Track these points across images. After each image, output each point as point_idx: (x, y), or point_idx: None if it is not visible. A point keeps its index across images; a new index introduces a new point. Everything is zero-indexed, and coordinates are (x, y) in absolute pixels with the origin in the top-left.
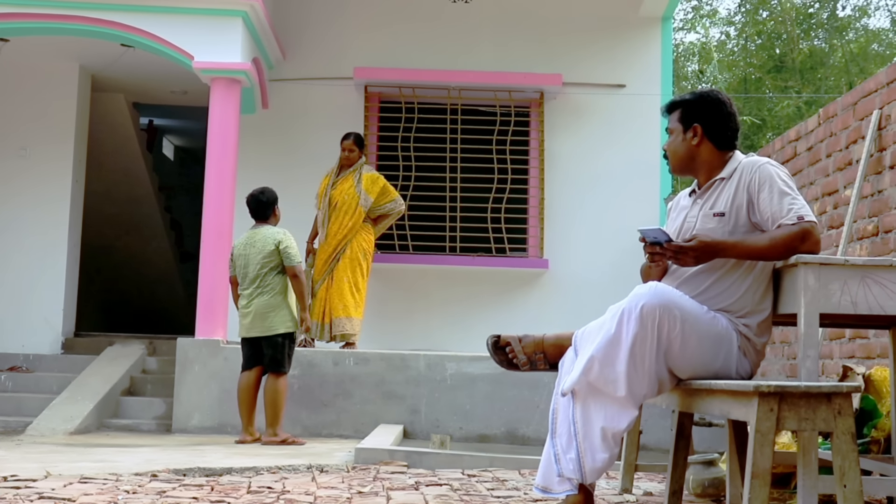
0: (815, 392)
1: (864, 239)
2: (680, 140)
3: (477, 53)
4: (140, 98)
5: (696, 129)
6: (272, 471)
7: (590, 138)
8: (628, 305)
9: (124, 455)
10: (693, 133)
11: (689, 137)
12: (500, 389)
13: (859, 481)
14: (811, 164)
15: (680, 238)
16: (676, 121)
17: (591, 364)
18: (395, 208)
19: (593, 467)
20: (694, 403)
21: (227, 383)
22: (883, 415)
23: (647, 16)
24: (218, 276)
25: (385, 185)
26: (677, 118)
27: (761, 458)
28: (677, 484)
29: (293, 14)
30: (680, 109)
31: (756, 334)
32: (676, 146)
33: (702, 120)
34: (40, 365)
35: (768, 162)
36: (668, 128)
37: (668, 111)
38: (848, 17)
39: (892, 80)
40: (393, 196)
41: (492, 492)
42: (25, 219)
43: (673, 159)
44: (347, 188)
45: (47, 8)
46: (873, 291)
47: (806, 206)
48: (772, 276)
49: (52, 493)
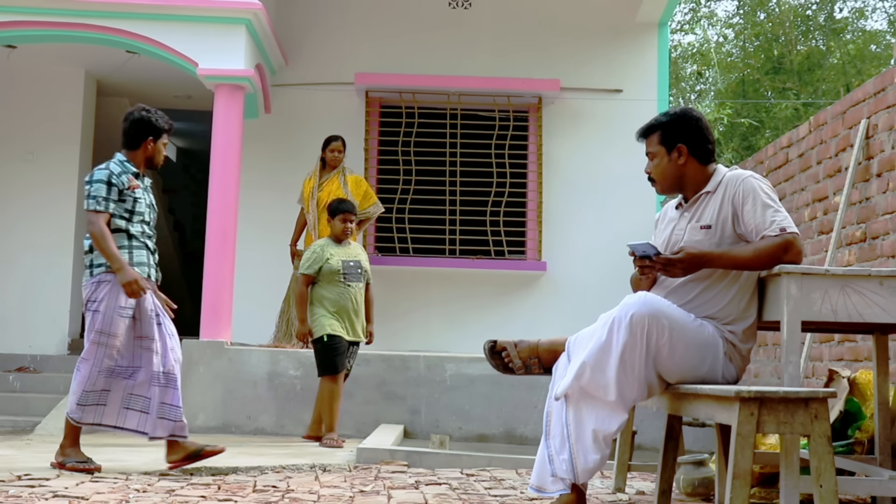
0: (793, 397)
1: (853, 245)
2: (666, 162)
3: (476, 59)
4: (144, 102)
5: (680, 149)
6: (276, 470)
7: (587, 142)
8: (618, 314)
9: (133, 454)
10: (678, 153)
11: (675, 158)
12: (499, 390)
13: (834, 481)
14: (802, 171)
15: (668, 250)
16: (658, 144)
17: (583, 370)
18: (376, 212)
19: (585, 468)
20: (682, 407)
21: (231, 384)
22: (867, 417)
23: (644, 21)
24: (222, 279)
25: (367, 189)
26: (658, 141)
27: (742, 460)
28: (667, 483)
29: (295, 20)
30: (659, 132)
31: (741, 341)
32: (664, 168)
33: (685, 139)
34: (47, 365)
35: (752, 175)
36: (648, 152)
37: (644, 135)
38: (845, 18)
39: (879, 91)
40: (374, 200)
41: (489, 491)
42: (32, 221)
43: (662, 181)
44: (335, 189)
45: (54, 16)
46: (853, 300)
47: (788, 218)
48: (756, 285)
49: (66, 491)
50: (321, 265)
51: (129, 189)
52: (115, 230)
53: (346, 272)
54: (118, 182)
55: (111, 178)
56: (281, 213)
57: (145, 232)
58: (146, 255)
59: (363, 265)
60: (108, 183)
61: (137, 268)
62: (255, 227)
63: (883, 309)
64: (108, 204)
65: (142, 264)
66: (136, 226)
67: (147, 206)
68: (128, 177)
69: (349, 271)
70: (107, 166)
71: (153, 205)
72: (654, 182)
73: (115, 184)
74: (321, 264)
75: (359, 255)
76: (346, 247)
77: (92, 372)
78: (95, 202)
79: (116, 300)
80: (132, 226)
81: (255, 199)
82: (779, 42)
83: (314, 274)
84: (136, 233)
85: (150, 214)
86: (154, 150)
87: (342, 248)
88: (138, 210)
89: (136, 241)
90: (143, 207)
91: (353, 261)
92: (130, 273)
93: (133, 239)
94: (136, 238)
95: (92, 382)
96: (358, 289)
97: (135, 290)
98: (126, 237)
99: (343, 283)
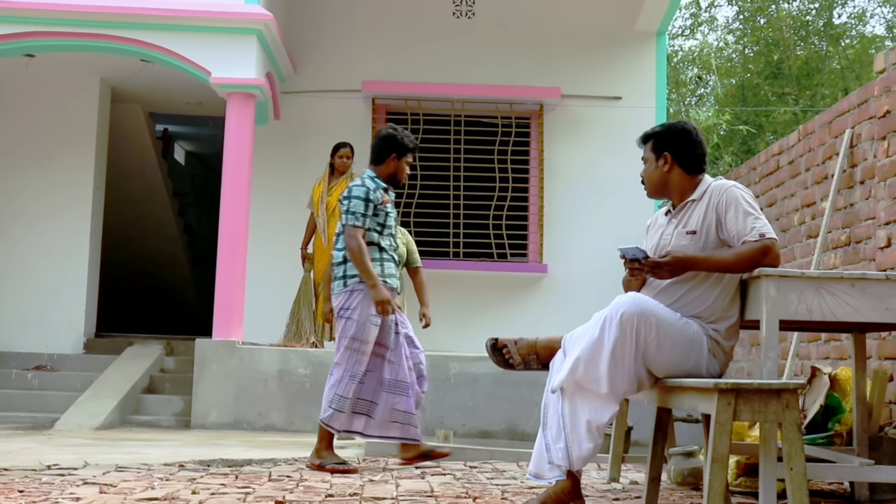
0: (766, 389)
1: (838, 248)
2: (653, 167)
3: (479, 67)
4: (156, 108)
5: (666, 157)
6: (289, 462)
7: (587, 148)
8: (609, 313)
9: (151, 448)
10: (664, 161)
11: (661, 165)
12: (501, 388)
13: (804, 465)
14: (792, 177)
15: (657, 253)
16: (650, 150)
17: (577, 364)
18: None
19: (580, 455)
20: (669, 399)
21: (242, 382)
22: (846, 411)
23: (643, 31)
24: (234, 280)
25: None
26: (650, 148)
27: (720, 445)
28: (656, 471)
29: (304, 29)
30: (652, 140)
31: (724, 338)
32: (651, 173)
33: (671, 148)
34: (64, 364)
35: (735, 185)
36: (643, 157)
37: (643, 142)
38: (844, 24)
39: (862, 102)
40: None
41: (491, 480)
42: (49, 224)
43: (648, 184)
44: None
45: (72, 26)
46: (826, 301)
47: (767, 225)
48: (738, 287)
49: (95, 479)
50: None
51: (381, 204)
52: (369, 243)
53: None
54: (374, 198)
55: (368, 194)
56: (290, 216)
57: (392, 245)
58: (394, 268)
59: (399, 252)
60: (366, 199)
61: (388, 279)
62: (264, 230)
63: (854, 309)
64: (365, 220)
65: (391, 276)
66: (386, 239)
67: (394, 220)
68: (380, 192)
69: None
70: (363, 182)
71: (397, 219)
72: (644, 185)
73: (372, 199)
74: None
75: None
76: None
77: (343, 377)
78: (354, 217)
79: (368, 309)
80: (383, 239)
81: (265, 202)
82: (778, 48)
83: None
84: (386, 246)
85: (396, 228)
86: (397, 167)
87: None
88: (388, 224)
89: (386, 253)
90: (391, 221)
91: None
92: (383, 293)
93: (384, 252)
94: (385, 251)
95: (343, 387)
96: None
97: (386, 309)
98: (378, 250)
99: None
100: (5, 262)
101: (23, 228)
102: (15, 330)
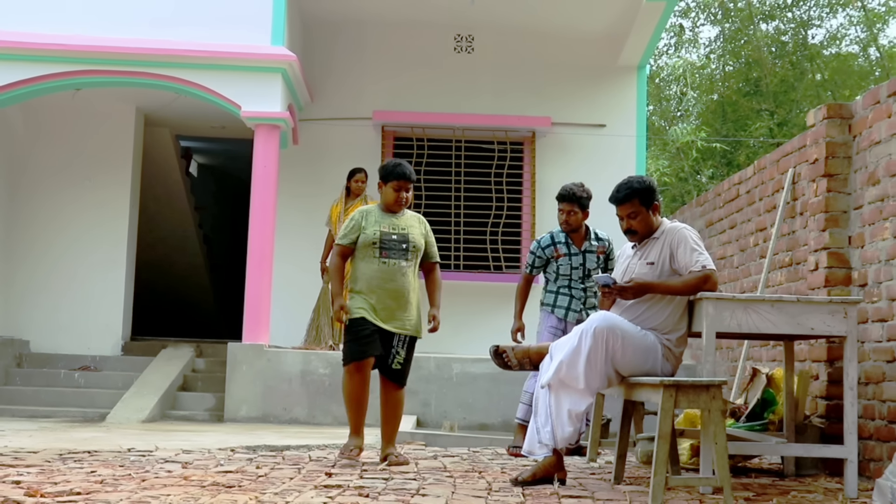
0: (698, 384)
1: (783, 268)
2: (647, 217)
3: (478, 98)
4: (183, 131)
5: (655, 207)
6: (321, 448)
7: (575, 171)
8: (585, 327)
9: (200, 437)
10: (654, 210)
11: (652, 213)
12: (498, 386)
13: (725, 439)
14: (749, 205)
15: (624, 279)
16: (640, 205)
17: (561, 366)
18: None
19: (562, 436)
20: (632, 393)
21: (270, 381)
22: (779, 403)
23: (625, 65)
24: (262, 290)
25: None
26: (639, 203)
27: (664, 425)
28: (622, 450)
29: (319, 63)
30: (639, 197)
31: (675, 346)
32: (648, 222)
33: (657, 199)
34: (105, 365)
35: (685, 227)
36: (631, 212)
37: (626, 199)
38: (819, 43)
39: (801, 146)
40: None
41: (492, 461)
42: (89, 238)
43: (644, 232)
44: None
45: (115, 66)
46: (752, 317)
47: (709, 259)
48: (686, 306)
49: (171, 458)
50: (357, 235)
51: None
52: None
53: (385, 246)
54: (362, 221)
55: (363, 215)
56: (308, 231)
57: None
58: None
59: (411, 239)
60: (352, 219)
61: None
62: (285, 244)
63: (773, 324)
64: (345, 239)
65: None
66: (377, 255)
67: (397, 238)
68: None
69: (389, 245)
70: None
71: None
72: (634, 234)
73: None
74: (357, 234)
75: (408, 228)
76: (394, 217)
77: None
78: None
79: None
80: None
81: (285, 219)
82: (757, 66)
83: (350, 245)
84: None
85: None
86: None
87: (388, 219)
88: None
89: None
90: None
91: (398, 234)
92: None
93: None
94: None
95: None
96: (399, 267)
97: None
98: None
99: (378, 259)
100: (50, 273)
101: (66, 242)
102: (59, 334)
